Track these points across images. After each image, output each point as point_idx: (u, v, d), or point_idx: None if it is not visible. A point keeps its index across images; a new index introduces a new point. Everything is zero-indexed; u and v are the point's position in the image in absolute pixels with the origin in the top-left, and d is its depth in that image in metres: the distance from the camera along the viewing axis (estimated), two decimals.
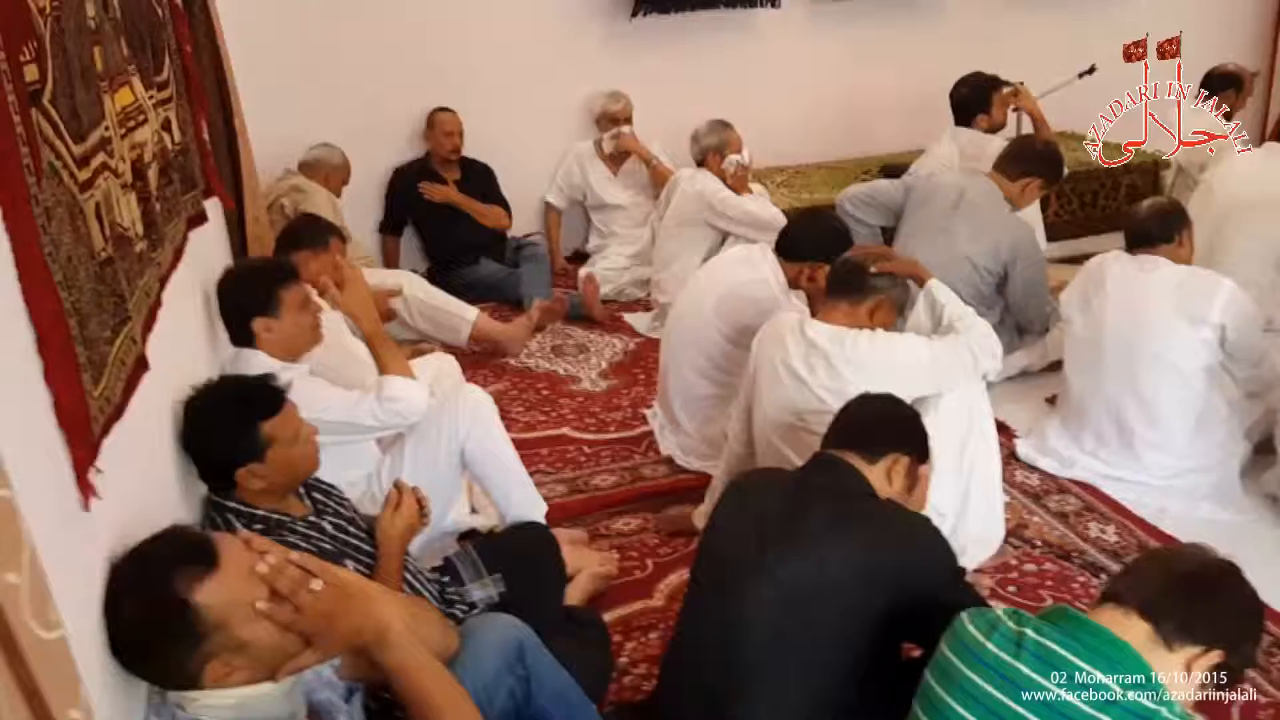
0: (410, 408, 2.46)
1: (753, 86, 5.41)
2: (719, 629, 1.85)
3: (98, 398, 1.36)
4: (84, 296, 1.35)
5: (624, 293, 4.93)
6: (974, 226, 3.66)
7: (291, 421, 1.97)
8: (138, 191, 1.86)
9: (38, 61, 1.28)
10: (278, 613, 1.35)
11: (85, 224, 1.43)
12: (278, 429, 1.92)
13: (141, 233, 1.84)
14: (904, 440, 2.01)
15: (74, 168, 1.41)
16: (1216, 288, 2.99)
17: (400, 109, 4.97)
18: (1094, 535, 2.92)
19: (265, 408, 1.93)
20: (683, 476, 3.28)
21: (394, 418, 2.44)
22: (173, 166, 2.28)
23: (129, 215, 1.76)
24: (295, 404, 2.00)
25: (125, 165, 1.79)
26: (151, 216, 1.95)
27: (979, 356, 2.63)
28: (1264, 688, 2.31)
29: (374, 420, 2.41)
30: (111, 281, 1.51)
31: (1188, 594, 1.43)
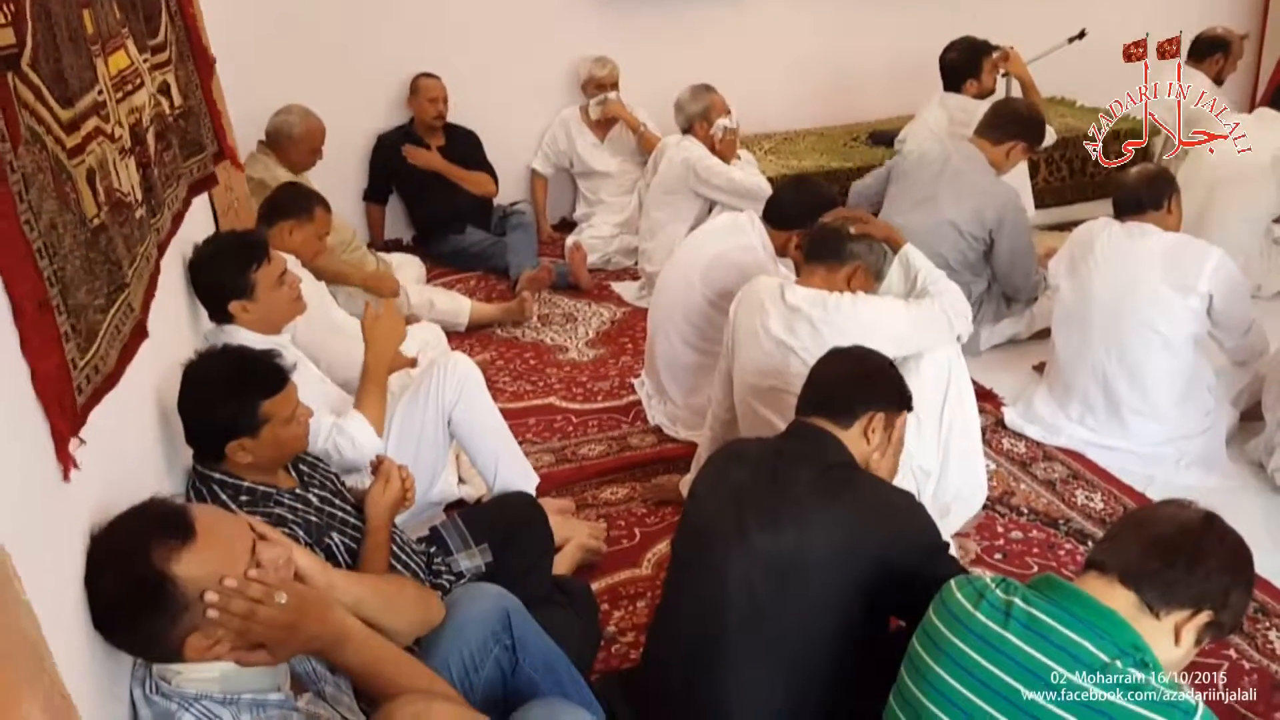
0: (356, 451, 2.39)
1: (741, 52, 5.37)
2: (700, 600, 1.86)
3: (84, 367, 1.34)
4: (71, 264, 1.33)
5: (611, 261, 4.90)
6: (958, 191, 3.64)
7: (290, 401, 1.95)
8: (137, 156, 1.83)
9: (14, 25, 1.25)
10: (230, 621, 1.34)
11: (75, 190, 1.40)
12: (276, 408, 1.91)
13: (141, 198, 1.81)
14: (876, 396, 1.99)
15: (60, 133, 1.38)
16: (1205, 256, 2.99)
17: (383, 74, 4.91)
18: (1080, 502, 2.94)
19: (268, 386, 1.91)
20: (670, 445, 3.28)
21: (335, 449, 2.39)
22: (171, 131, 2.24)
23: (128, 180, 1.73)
24: (295, 384, 1.98)
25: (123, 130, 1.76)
26: (150, 181, 1.92)
27: (953, 318, 2.65)
28: (1248, 654, 2.33)
29: (321, 440, 2.37)
30: (106, 248, 1.49)
31: (1167, 560, 1.42)
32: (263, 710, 1.37)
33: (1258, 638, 2.37)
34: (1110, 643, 1.37)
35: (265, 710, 1.37)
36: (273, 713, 1.37)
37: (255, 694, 1.37)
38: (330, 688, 1.56)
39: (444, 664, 1.69)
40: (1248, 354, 3.16)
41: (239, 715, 1.34)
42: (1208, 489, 2.87)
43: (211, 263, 2.46)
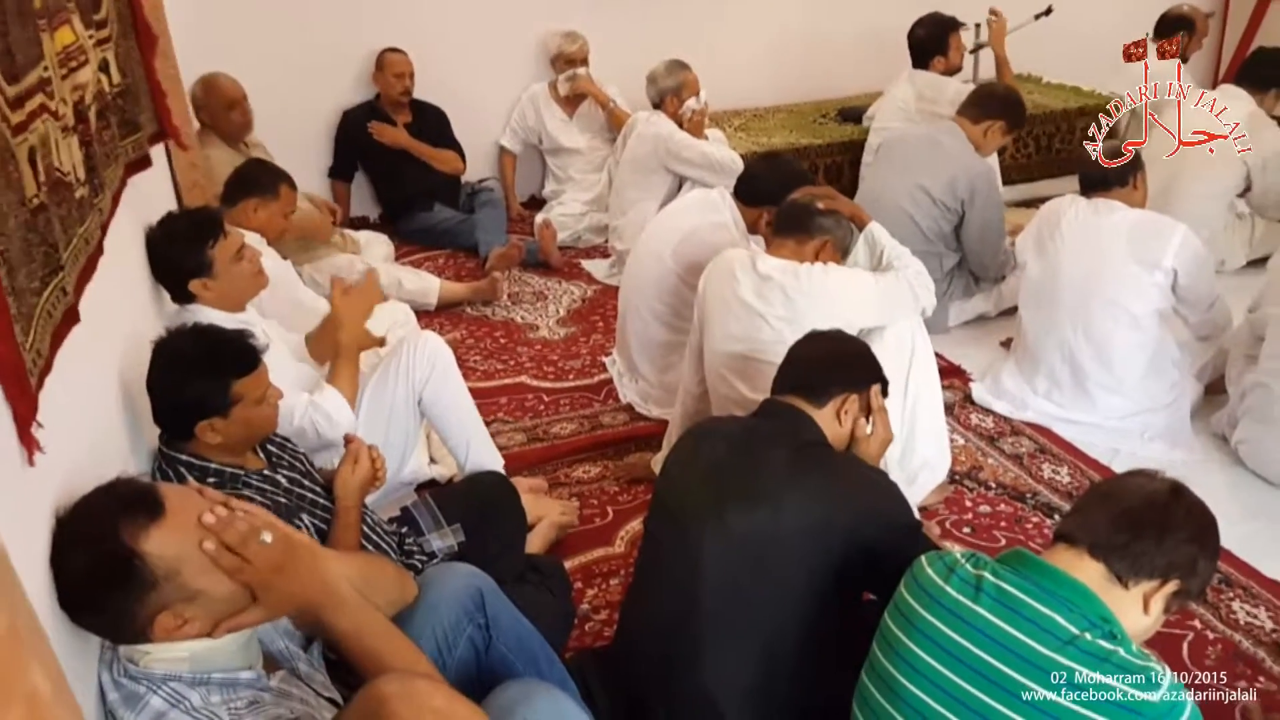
0: (332, 427, 2.37)
1: (711, 29, 5.35)
2: (674, 578, 1.86)
3: (29, 350, 1.31)
4: (13, 245, 1.29)
5: (581, 239, 4.88)
6: (936, 160, 3.69)
7: (262, 382, 1.93)
8: (79, 134, 1.79)
9: None
10: (223, 557, 1.34)
11: (17, 169, 1.37)
12: (247, 388, 1.89)
13: (83, 177, 1.78)
14: (851, 378, 2.01)
15: (6, 110, 1.35)
16: (1170, 232, 3.02)
17: (348, 49, 4.84)
18: (1047, 476, 2.97)
19: (240, 366, 1.89)
20: (642, 424, 3.28)
21: (312, 426, 2.36)
22: (110, 109, 2.20)
23: (70, 159, 1.69)
24: (267, 365, 1.96)
25: (67, 107, 1.72)
26: (93, 160, 1.88)
27: (917, 292, 2.67)
28: (1212, 624, 2.37)
29: (297, 418, 2.35)
30: (44, 230, 1.46)
31: (1135, 531, 1.43)
32: (233, 690, 1.36)
33: (1221, 608, 2.41)
34: (1080, 615, 1.38)
35: (236, 690, 1.36)
36: (244, 692, 1.36)
37: (226, 673, 1.36)
38: (304, 665, 1.56)
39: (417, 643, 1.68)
40: (1211, 329, 3.20)
41: (209, 696, 1.33)
42: (1172, 462, 2.92)
43: (166, 243, 2.42)
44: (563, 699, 1.59)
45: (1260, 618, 2.38)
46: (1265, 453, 2.87)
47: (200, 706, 1.31)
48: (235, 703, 1.34)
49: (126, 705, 1.32)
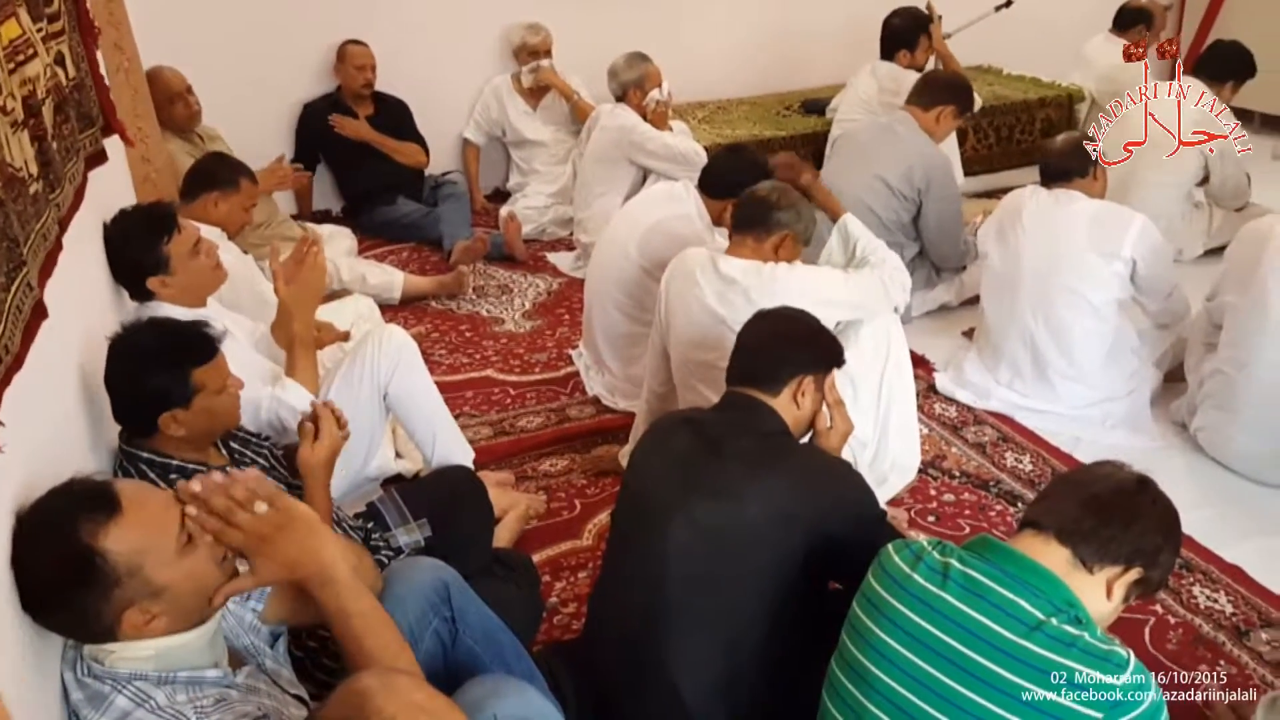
0: (294, 419, 2.29)
1: (675, 20, 5.34)
2: (640, 571, 1.86)
3: None
4: None
5: (546, 232, 4.86)
6: (892, 150, 3.71)
7: (221, 370, 1.91)
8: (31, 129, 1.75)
9: None
10: (206, 522, 1.35)
11: None
12: (207, 377, 1.87)
13: (36, 173, 1.74)
14: (802, 360, 1.99)
15: None
16: (1129, 222, 3.06)
17: (308, 41, 4.78)
18: (1010, 465, 3.00)
19: (199, 354, 1.88)
20: (609, 416, 3.28)
21: (276, 420, 2.33)
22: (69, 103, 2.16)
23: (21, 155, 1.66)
24: (225, 354, 1.93)
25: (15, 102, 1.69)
26: (48, 156, 1.84)
27: (890, 288, 2.67)
28: (1173, 609, 2.41)
29: (264, 412, 2.32)
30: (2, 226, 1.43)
31: (1103, 517, 1.46)
32: (199, 688, 1.35)
33: (1182, 593, 2.45)
34: (1045, 600, 1.40)
35: (201, 688, 1.35)
36: (210, 690, 1.35)
37: (192, 671, 1.35)
38: (270, 662, 1.55)
39: None
40: (1170, 317, 3.25)
41: (174, 695, 1.32)
42: (1133, 449, 2.96)
43: (121, 241, 2.38)
44: (531, 693, 1.58)
45: (1220, 602, 2.42)
46: (1224, 439, 2.92)
47: (166, 705, 1.30)
48: (201, 701, 1.33)
49: (91, 705, 1.31)
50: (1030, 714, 1.34)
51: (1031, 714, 1.34)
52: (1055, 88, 5.35)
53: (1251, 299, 2.79)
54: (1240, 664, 2.24)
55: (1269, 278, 2.73)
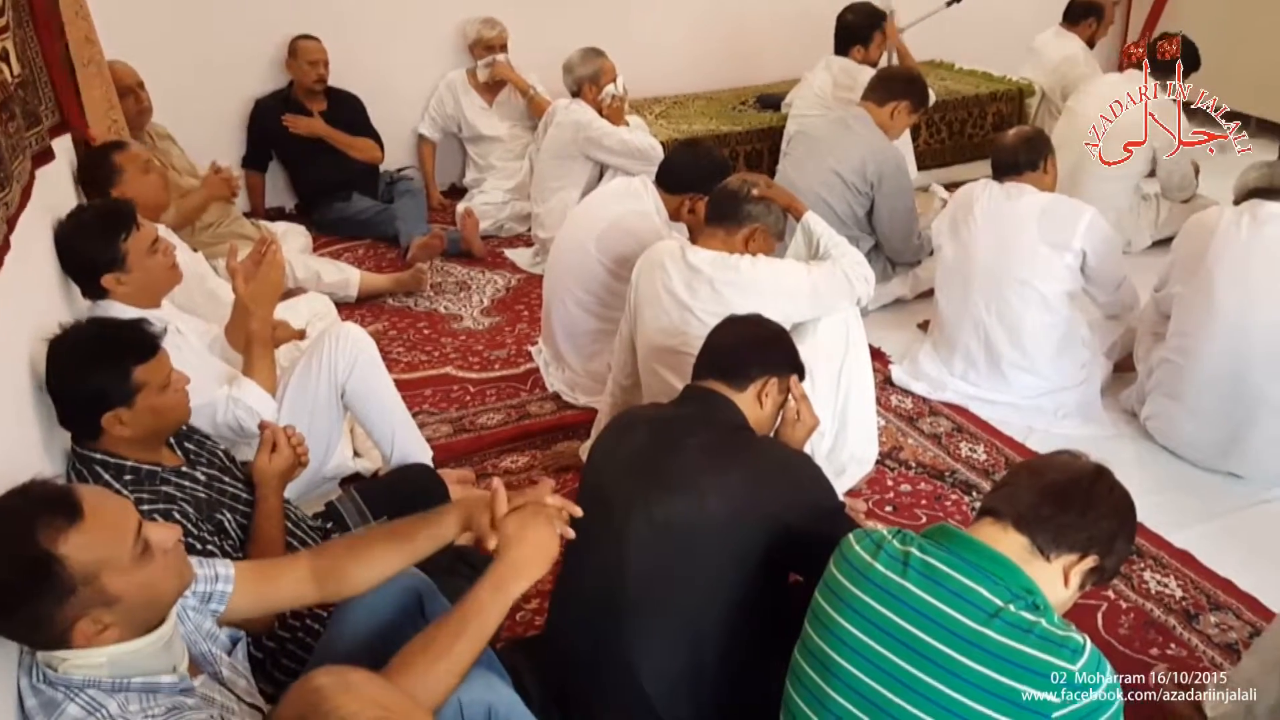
0: (253, 419, 2.31)
1: (631, 15, 5.34)
2: (601, 566, 1.86)
3: None
4: None
5: (504, 228, 4.84)
6: (846, 144, 3.75)
7: (163, 367, 1.89)
8: None
9: None
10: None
11: None
12: (150, 374, 1.84)
13: None
14: (770, 361, 2.03)
15: None
16: (1078, 215, 3.11)
17: (258, 36, 4.71)
18: (965, 455, 3.04)
19: (138, 351, 1.85)
20: (569, 412, 3.27)
21: (234, 421, 2.31)
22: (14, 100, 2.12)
23: None
24: (167, 350, 1.91)
25: None
26: None
27: (853, 282, 2.69)
28: (1125, 594, 2.46)
29: (220, 414, 2.30)
30: None
31: (1060, 505, 1.48)
32: (153, 696, 1.33)
33: (1133, 578, 2.50)
34: (1003, 587, 1.42)
35: (156, 696, 1.33)
36: (163, 700, 1.33)
37: (146, 678, 1.33)
38: (226, 670, 1.53)
39: (353, 642, 1.67)
40: (1120, 308, 3.31)
41: (127, 705, 1.30)
42: (1084, 438, 3.02)
43: (78, 235, 2.34)
44: (495, 680, 1.60)
45: (1170, 586, 2.47)
46: (1173, 427, 2.98)
47: (117, 714, 1.28)
48: (154, 710, 1.31)
49: (44, 712, 1.29)
50: (988, 699, 1.36)
51: (990, 699, 1.36)
52: (1006, 82, 5.42)
53: (1198, 289, 2.84)
54: (1190, 647, 2.29)
55: (1214, 268, 2.79)
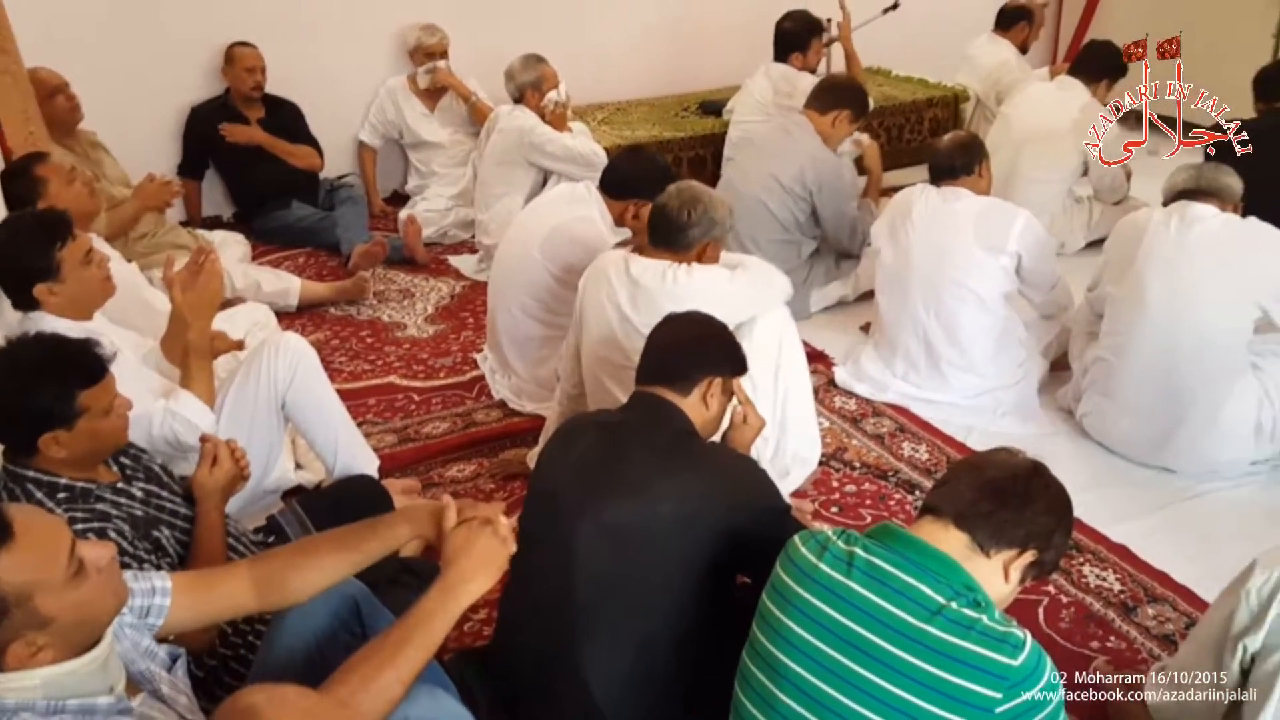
0: (192, 432, 2.26)
1: (573, 21, 5.34)
2: (549, 574, 1.85)
3: None
4: None
5: (448, 234, 4.81)
6: (786, 152, 3.79)
7: (109, 392, 1.85)
8: None
9: None
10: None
11: None
12: (94, 399, 1.80)
13: None
14: (711, 361, 2.02)
15: None
16: (1013, 218, 3.17)
17: (193, 43, 4.64)
18: (907, 454, 3.08)
19: (85, 375, 1.81)
20: (516, 419, 3.26)
21: (170, 434, 2.27)
22: None
23: None
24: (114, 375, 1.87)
25: None
26: None
27: (771, 277, 2.72)
28: (1065, 588, 2.51)
29: (156, 428, 2.25)
30: None
31: (998, 502, 1.51)
32: (90, 717, 1.30)
33: (1073, 573, 2.55)
34: (945, 585, 1.45)
35: (93, 718, 1.30)
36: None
37: (82, 699, 1.30)
38: (166, 688, 1.50)
39: (289, 654, 1.65)
40: (1054, 308, 3.38)
41: None
42: (1022, 436, 3.07)
43: (10, 244, 2.28)
44: (442, 694, 1.58)
45: (1109, 580, 2.53)
46: (1108, 423, 3.04)
47: None
48: None
49: None
50: (933, 696, 1.38)
51: (934, 696, 1.38)
52: (942, 88, 5.51)
53: (1129, 289, 2.91)
54: (1129, 639, 2.34)
55: (1145, 268, 2.86)
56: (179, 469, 2.19)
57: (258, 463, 2.45)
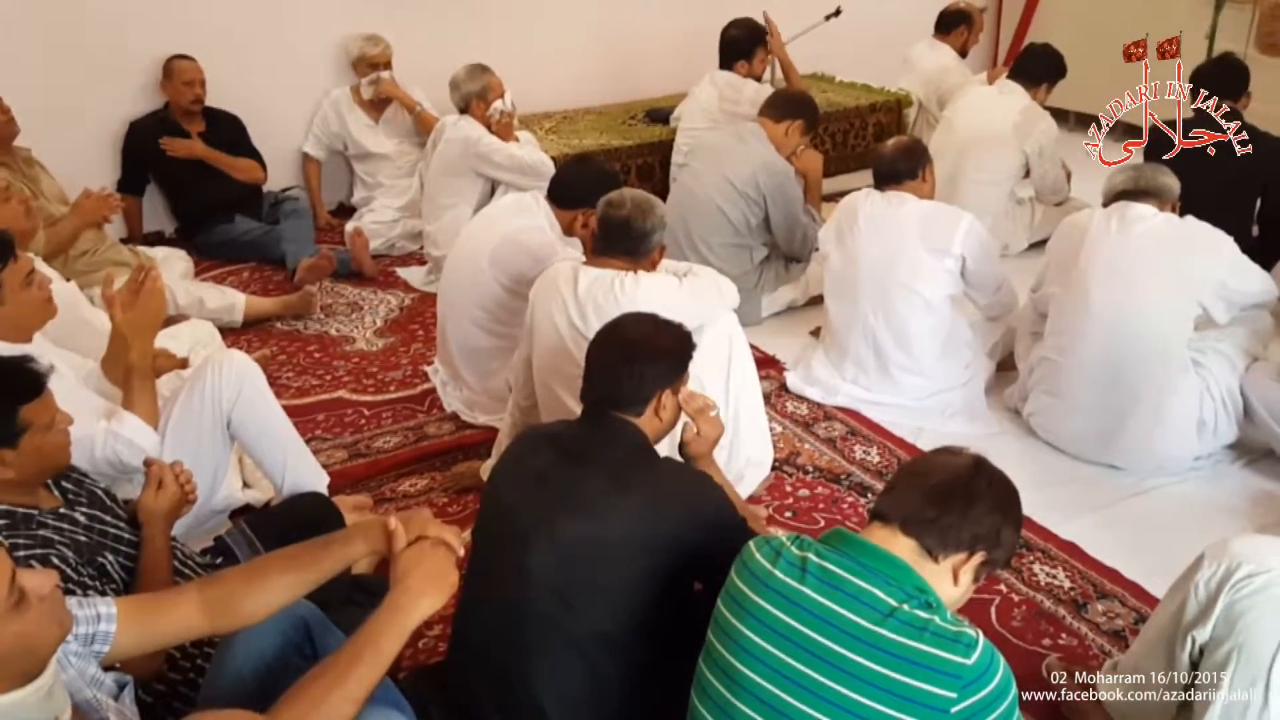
0: (136, 454, 2.23)
1: (518, 30, 5.33)
2: (503, 590, 1.84)
3: None
4: None
5: (395, 246, 4.77)
6: (739, 157, 3.84)
7: (49, 407, 1.81)
8: None
9: None
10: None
11: None
12: (35, 414, 1.77)
13: None
14: (656, 375, 1.97)
15: None
16: (956, 221, 3.22)
17: (131, 56, 4.56)
18: (859, 457, 3.11)
19: (24, 390, 1.77)
20: (468, 432, 3.24)
21: (113, 456, 2.22)
22: None
23: None
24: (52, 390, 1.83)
25: None
26: None
27: (721, 287, 2.73)
28: (1016, 587, 2.54)
29: (98, 449, 2.20)
30: None
31: (942, 508, 1.52)
32: None
33: (1024, 571, 2.59)
34: (897, 588, 1.46)
35: None
36: None
37: None
38: (114, 716, 1.47)
39: (238, 678, 1.62)
40: (1000, 309, 3.43)
41: None
42: (971, 436, 3.11)
43: None
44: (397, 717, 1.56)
45: (1059, 578, 2.56)
46: (1054, 422, 3.09)
47: None
48: None
49: None
50: (888, 698, 1.39)
51: (889, 698, 1.39)
52: (885, 93, 5.58)
53: (1073, 289, 2.96)
54: (1080, 636, 2.38)
55: (1088, 269, 2.91)
56: (123, 492, 2.15)
57: (204, 483, 2.41)
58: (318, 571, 1.63)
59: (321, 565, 1.63)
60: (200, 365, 2.58)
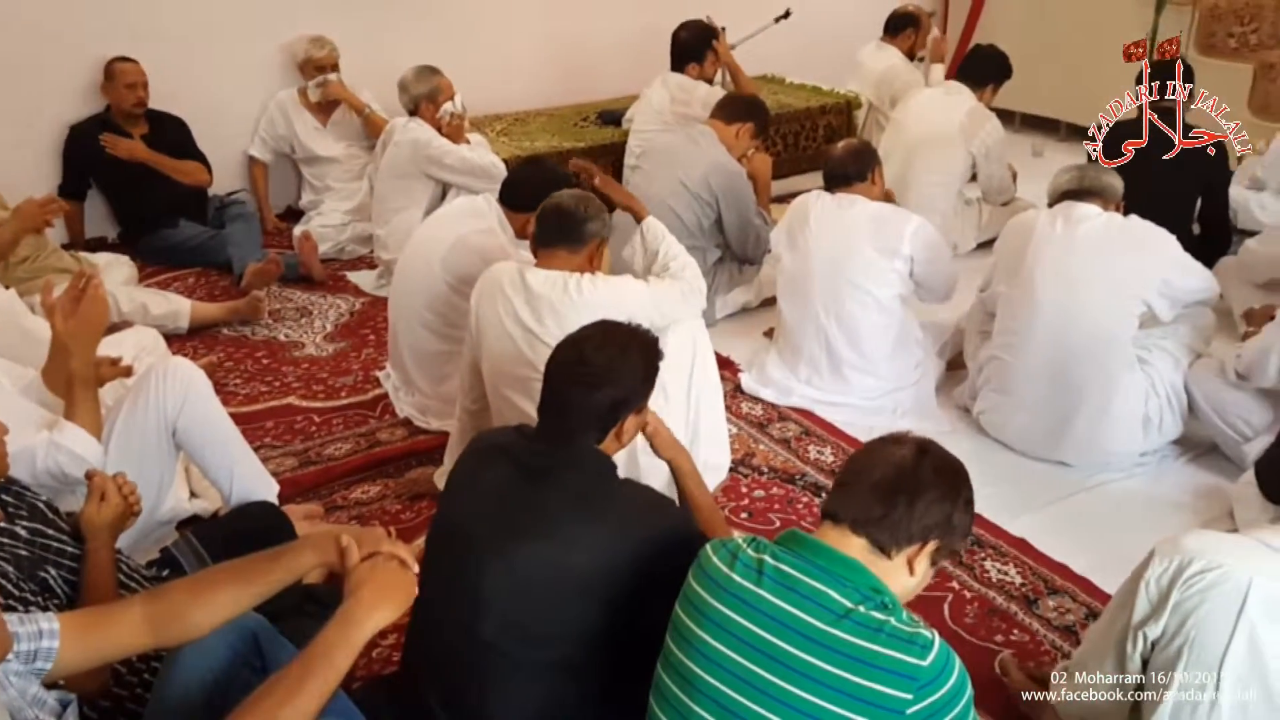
0: (78, 465, 2.16)
1: (468, 32, 5.30)
2: (456, 608, 1.79)
3: None
4: None
5: (345, 250, 4.71)
6: (692, 158, 3.85)
7: None
8: None
9: None
10: None
11: None
12: None
13: None
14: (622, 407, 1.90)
15: None
16: (904, 222, 3.25)
17: (71, 58, 4.46)
18: (813, 457, 3.12)
19: None
20: (422, 437, 3.20)
21: (55, 467, 2.16)
22: None
23: None
24: None
25: None
26: None
27: (688, 295, 2.72)
28: (969, 584, 2.56)
29: (40, 461, 2.14)
30: None
31: (889, 504, 1.51)
32: None
33: (976, 568, 2.61)
34: (852, 589, 1.46)
35: None
36: None
37: None
38: None
39: (185, 693, 1.58)
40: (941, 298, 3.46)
41: None
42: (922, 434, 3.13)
43: None
44: None
45: (1010, 574, 2.59)
46: (1004, 420, 3.13)
47: None
48: None
49: None
50: (844, 700, 1.39)
51: (845, 700, 1.39)
52: (835, 95, 5.61)
53: (1020, 288, 3.00)
54: (1032, 631, 2.40)
55: (1034, 268, 2.95)
56: (65, 504, 2.10)
57: (149, 494, 2.36)
58: (266, 583, 1.59)
59: (270, 577, 1.60)
60: (144, 373, 2.52)
